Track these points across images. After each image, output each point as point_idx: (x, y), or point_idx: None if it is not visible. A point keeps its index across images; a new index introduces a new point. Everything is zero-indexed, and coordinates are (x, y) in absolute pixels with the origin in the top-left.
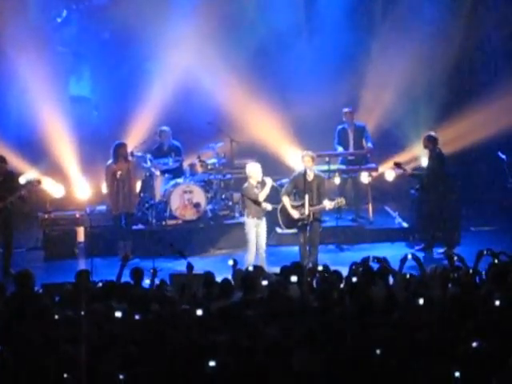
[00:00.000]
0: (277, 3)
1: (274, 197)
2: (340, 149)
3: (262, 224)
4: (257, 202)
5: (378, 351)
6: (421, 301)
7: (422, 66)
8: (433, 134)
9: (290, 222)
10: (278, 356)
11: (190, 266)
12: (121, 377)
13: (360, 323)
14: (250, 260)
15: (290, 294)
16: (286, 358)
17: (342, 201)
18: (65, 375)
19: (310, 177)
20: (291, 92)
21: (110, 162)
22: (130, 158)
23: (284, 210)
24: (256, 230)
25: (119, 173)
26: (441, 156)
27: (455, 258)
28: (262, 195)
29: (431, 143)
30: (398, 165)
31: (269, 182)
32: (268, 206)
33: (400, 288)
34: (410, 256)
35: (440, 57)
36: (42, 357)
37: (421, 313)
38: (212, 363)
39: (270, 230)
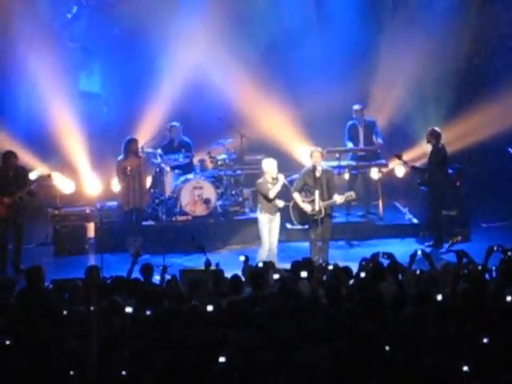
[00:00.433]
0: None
1: (284, 194)
2: (350, 145)
3: (276, 220)
4: (267, 199)
5: (387, 347)
6: (439, 297)
7: (432, 63)
8: (437, 129)
9: (302, 217)
10: (287, 352)
11: (207, 263)
12: (123, 373)
13: (369, 319)
14: (262, 255)
15: (300, 290)
16: (295, 354)
17: (351, 195)
18: (71, 372)
19: (319, 172)
20: (301, 88)
21: (120, 157)
22: (140, 153)
23: (296, 206)
24: (269, 225)
25: (130, 169)
26: (443, 151)
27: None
28: (273, 192)
29: (434, 138)
30: (398, 157)
31: (281, 179)
32: (280, 203)
33: (409, 284)
34: (419, 252)
35: (450, 53)
36: (51, 352)
37: (431, 309)
38: (222, 359)
39: (281, 227)
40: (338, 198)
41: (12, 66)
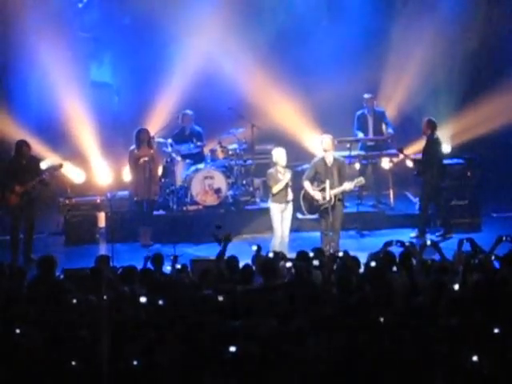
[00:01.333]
0: None
1: (296, 182)
2: (360, 134)
3: (288, 209)
4: (271, 191)
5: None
6: (456, 286)
7: (443, 52)
8: (432, 119)
9: (312, 207)
10: (298, 342)
11: (221, 254)
12: (135, 362)
13: (380, 309)
14: (275, 245)
15: (313, 279)
16: (305, 343)
17: (361, 180)
18: (73, 362)
19: (330, 161)
20: (312, 77)
21: (132, 147)
22: (152, 143)
23: (307, 195)
24: (281, 215)
25: (142, 159)
26: (438, 142)
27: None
28: (276, 188)
29: (430, 128)
30: (400, 150)
31: (287, 176)
32: (290, 195)
33: (420, 273)
34: (428, 242)
35: (461, 42)
36: (61, 342)
37: (443, 299)
38: (232, 349)
39: (292, 217)
40: (348, 185)
41: (23, 55)
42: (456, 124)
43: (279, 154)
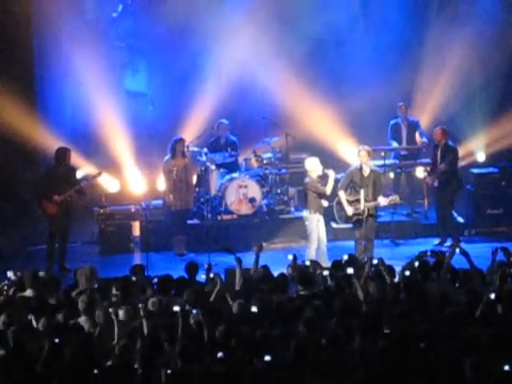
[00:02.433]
0: None
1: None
2: (394, 144)
3: (322, 219)
4: (320, 196)
5: (422, 344)
6: (492, 295)
7: (478, 60)
8: (445, 127)
9: (346, 216)
10: (334, 349)
11: (239, 260)
12: (168, 371)
13: (413, 317)
14: (311, 255)
15: (351, 289)
16: (341, 351)
17: (396, 198)
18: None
19: (367, 172)
20: (346, 86)
21: (167, 157)
22: (187, 153)
23: (340, 204)
24: (317, 224)
25: (176, 168)
26: (456, 151)
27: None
28: (329, 188)
29: (445, 137)
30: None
31: (331, 174)
32: (325, 203)
33: (448, 282)
34: (458, 250)
35: (496, 51)
36: (98, 350)
37: (475, 308)
38: (267, 357)
39: (327, 226)
40: (382, 201)
41: (58, 65)
42: (490, 133)
43: (314, 164)
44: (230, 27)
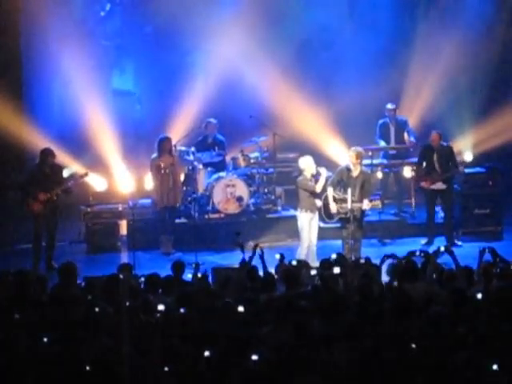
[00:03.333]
0: None
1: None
2: (382, 143)
3: (315, 218)
4: (312, 195)
5: (413, 345)
6: (479, 295)
7: (466, 60)
8: (440, 131)
9: (329, 214)
10: (320, 350)
11: (244, 262)
12: (166, 369)
13: (399, 317)
14: (302, 254)
15: (338, 288)
16: (328, 351)
17: (378, 204)
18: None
19: (356, 172)
20: (334, 86)
21: (154, 155)
22: (174, 152)
23: (325, 202)
24: (309, 224)
25: (164, 167)
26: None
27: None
28: (319, 186)
29: (441, 139)
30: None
31: (324, 172)
32: (318, 202)
33: (433, 281)
34: (442, 249)
35: (483, 50)
36: (83, 349)
37: (461, 307)
38: (254, 357)
39: None
40: (365, 204)
41: (45, 63)
42: (478, 133)
43: (308, 163)
44: (217, 27)
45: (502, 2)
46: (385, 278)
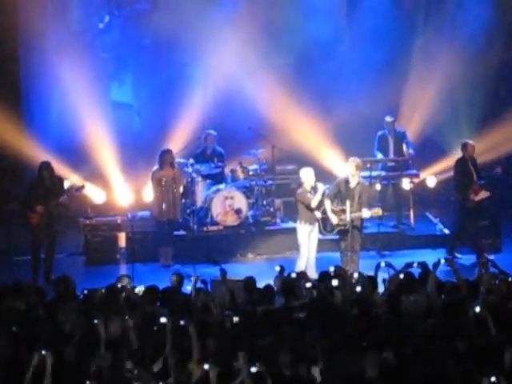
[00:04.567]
0: (319, 10)
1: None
2: (380, 155)
3: (315, 230)
4: (309, 208)
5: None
6: (477, 308)
7: (464, 72)
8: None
9: (328, 225)
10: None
11: (223, 272)
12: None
13: (398, 329)
14: (301, 266)
15: (335, 300)
16: (328, 362)
17: (378, 211)
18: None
19: (353, 183)
20: (332, 98)
21: (155, 168)
22: (175, 164)
23: (324, 213)
24: (308, 236)
25: (164, 179)
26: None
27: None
28: (315, 201)
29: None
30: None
31: (321, 187)
32: (318, 214)
33: (435, 294)
34: (442, 261)
35: (482, 62)
36: (81, 363)
37: (459, 320)
38: (253, 369)
39: None
40: (365, 213)
41: (44, 75)
42: (476, 145)
43: (307, 175)
44: (216, 39)
45: (501, 14)
46: (382, 289)
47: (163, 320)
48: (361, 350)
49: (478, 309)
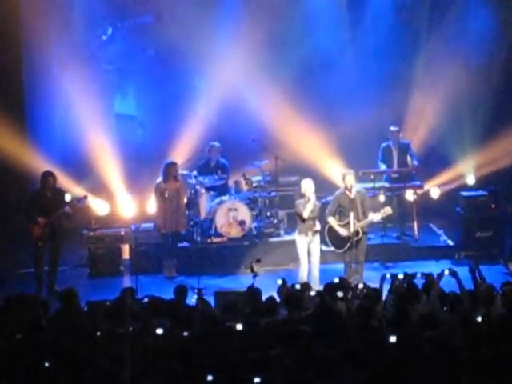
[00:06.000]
0: (322, 22)
1: (320, 214)
2: (383, 166)
3: (315, 241)
4: (301, 219)
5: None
6: (479, 318)
7: (467, 83)
8: None
9: (339, 241)
10: (323, 372)
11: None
12: None
13: (400, 341)
14: (303, 277)
15: (339, 310)
16: (330, 374)
17: (387, 210)
18: None
19: (352, 194)
20: (336, 110)
21: (159, 180)
22: (179, 177)
23: (332, 230)
24: (307, 247)
25: (168, 192)
26: None
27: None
28: (306, 212)
29: None
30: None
31: (312, 198)
32: (317, 226)
33: (436, 304)
34: (446, 272)
35: (485, 73)
36: (85, 374)
37: (462, 331)
38: (257, 380)
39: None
40: (374, 216)
41: (47, 87)
42: (480, 156)
43: (305, 185)
44: (219, 50)
45: (503, 26)
46: (386, 299)
47: (159, 331)
48: (362, 363)
49: (479, 318)
